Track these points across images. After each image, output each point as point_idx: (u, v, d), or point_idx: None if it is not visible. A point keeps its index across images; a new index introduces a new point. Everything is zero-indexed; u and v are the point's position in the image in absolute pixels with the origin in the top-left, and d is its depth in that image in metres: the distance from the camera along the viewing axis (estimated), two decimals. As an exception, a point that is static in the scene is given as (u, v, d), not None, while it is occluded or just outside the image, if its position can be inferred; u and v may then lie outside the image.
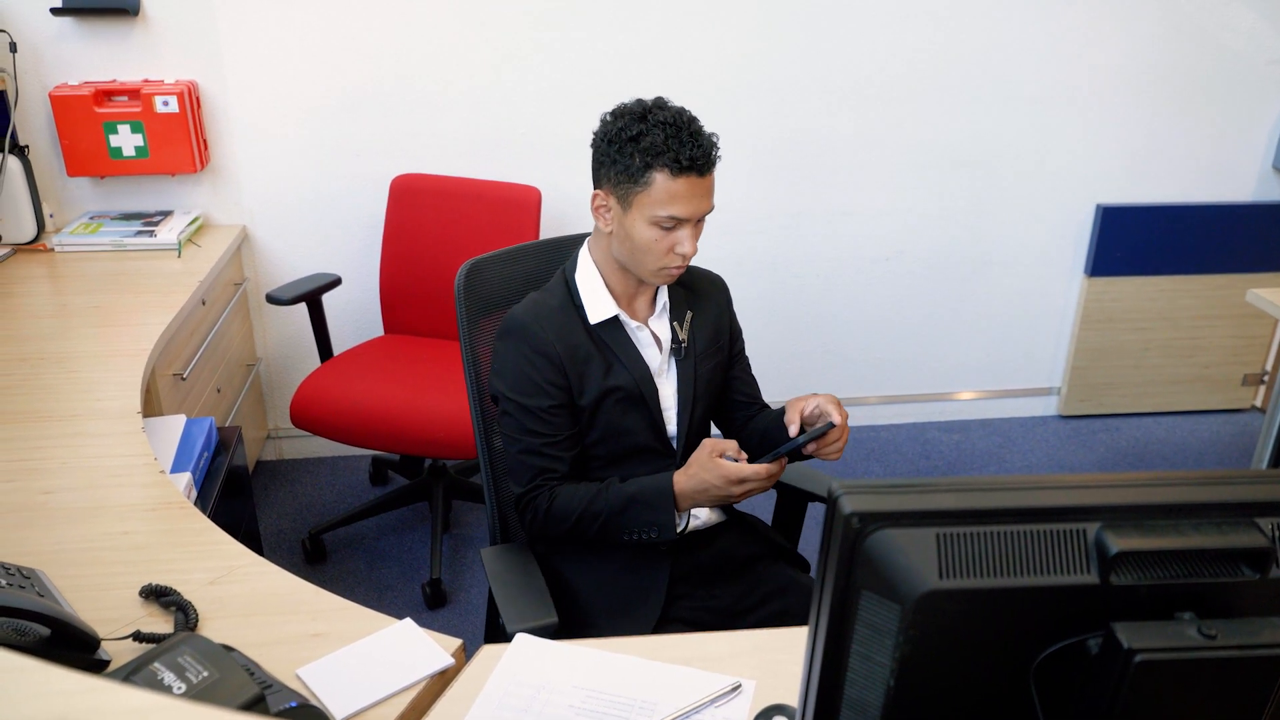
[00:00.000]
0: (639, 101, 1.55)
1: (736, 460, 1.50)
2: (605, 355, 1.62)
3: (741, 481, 1.48)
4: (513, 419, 1.60)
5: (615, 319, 1.62)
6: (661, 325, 1.68)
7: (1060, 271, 3.36)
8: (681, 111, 1.53)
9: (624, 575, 1.63)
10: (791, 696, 1.19)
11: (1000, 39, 3.01)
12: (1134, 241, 3.27)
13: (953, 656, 0.76)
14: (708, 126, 1.54)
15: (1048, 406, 3.56)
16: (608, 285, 1.63)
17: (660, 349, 1.67)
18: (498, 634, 1.60)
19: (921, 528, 0.73)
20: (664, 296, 1.68)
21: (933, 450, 3.35)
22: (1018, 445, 3.39)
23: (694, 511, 1.66)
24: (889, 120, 3.07)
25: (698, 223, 1.56)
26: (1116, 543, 0.72)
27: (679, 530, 1.58)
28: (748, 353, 1.83)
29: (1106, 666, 0.72)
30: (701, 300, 1.73)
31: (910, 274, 3.29)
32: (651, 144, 1.48)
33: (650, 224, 1.53)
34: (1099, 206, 3.24)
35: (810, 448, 1.52)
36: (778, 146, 3.05)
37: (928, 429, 3.47)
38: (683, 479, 1.54)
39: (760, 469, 1.48)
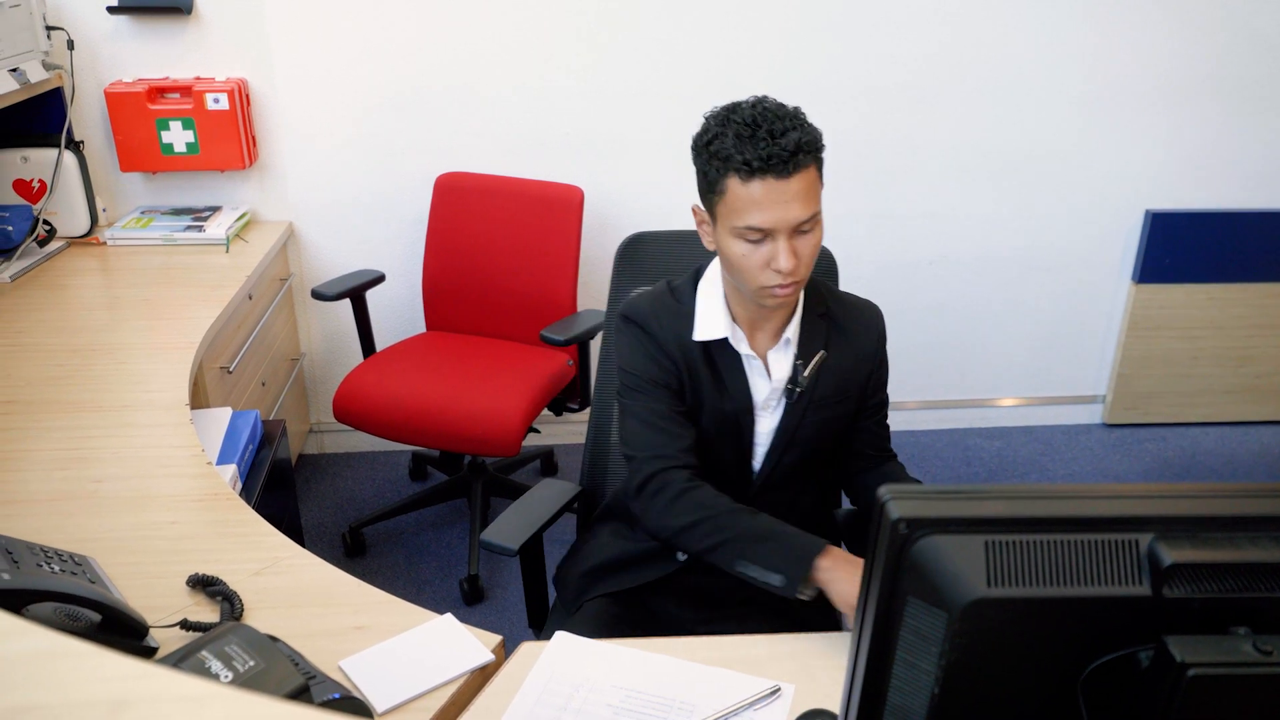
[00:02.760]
0: (735, 101, 1.41)
1: None
2: (713, 373, 1.51)
3: None
4: (638, 395, 1.51)
5: (724, 341, 1.50)
6: (782, 359, 1.52)
7: (1107, 277, 3.31)
8: (767, 109, 1.37)
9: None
10: (831, 702, 1.18)
11: (1049, 40, 2.97)
12: (1184, 248, 3.21)
13: (999, 666, 0.75)
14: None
15: (1092, 414, 3.51)
16: (730, 306, 1.50)
17: (770, 379, 1.52)
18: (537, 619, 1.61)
19: (970, 535, 0.72)
20: (793, 330, 1.51)
21: (973, 457, 3.31)
22: (1061, 453, 3.34)
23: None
24: (934, 122, 3.04)
25: (799, 233, 1.37)
26: (1170, 554, 0.71)
27: (801, 595, 1.34)
28: None
29: (1158, 680, 0.71)
30: (845, 339, 1.55)
31: (954, 277, 3.26)
32: (721, 147, 1.35)
33: (735, 237, 1.38)
34: (1149, 212, 3.18)
35: None
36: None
37: (969, 435, 3.43)
38: (838, 566, 1.33)
39: None
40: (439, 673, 1.20)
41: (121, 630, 1.18)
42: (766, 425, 1.55)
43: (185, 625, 1.24)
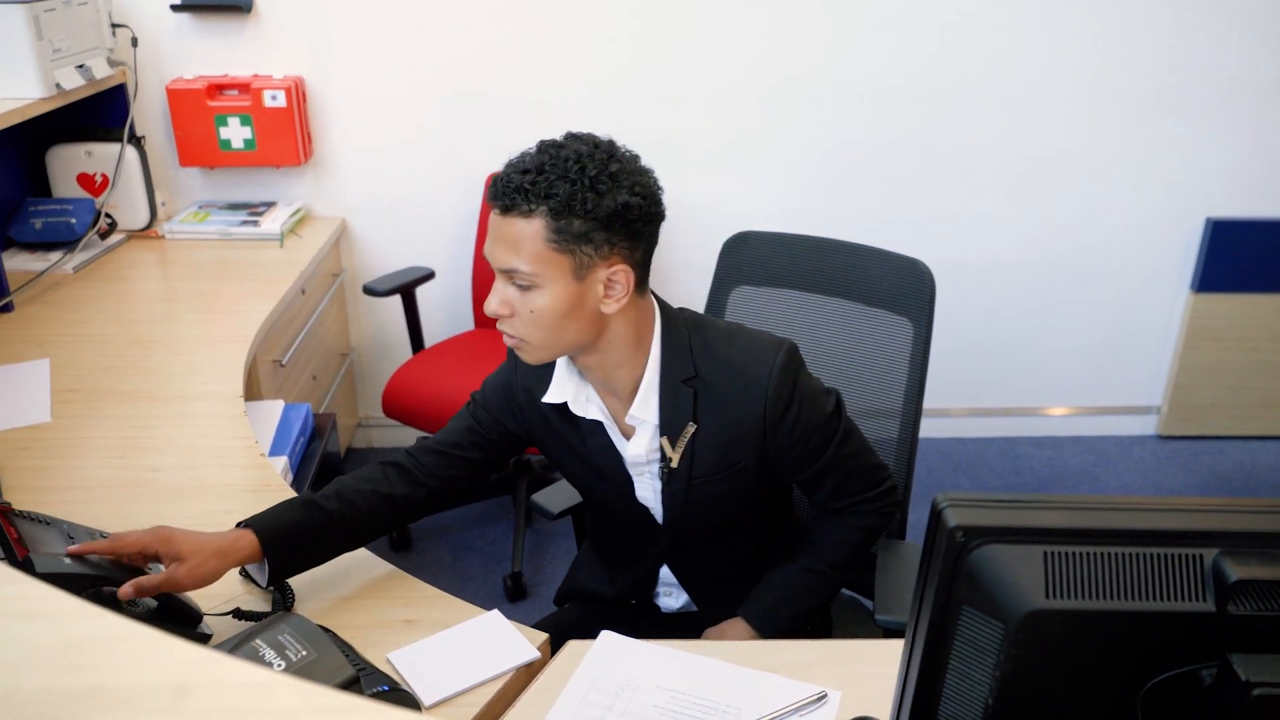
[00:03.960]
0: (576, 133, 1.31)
1: None
2: (572, 429, 1.41)
3: None
4: (470, 406, 1.49)
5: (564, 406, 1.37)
6: (643, 431, 1.37)
7: (1165, 286, 3.24)
8: (556, 150, 1.23)
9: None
10: (877, 709, 1.17)
11: (1110, 45, 2.91)
12: (1245, 257, 3.14)
13: (1056, 679, 0.74)
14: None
15: (1146, 425, 3.44)
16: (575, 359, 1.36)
17: (627, 444, 1.39)
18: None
19: (1028, 545, 0.71)
20: (639, 407, 1.34)
21: (1023, 466, 3.27)
22: (1114, 465, 3.28)
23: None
24: (989, 126, 3.00)
25: (516, 285, 1.23)
26: (1236, 570, 0.69)
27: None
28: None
29: (1220, 699, 0.69)
30: (718, 406, 1.34)
31: (1007, 283, 3.21)
32: None
33: None
34: (1209, 220, 3.11)
35: None
36: (874, 151, 3.01)
37: (1018, 444, 3.38)
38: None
39: None
40: (486, 668, 1.20)
41: (177, 618, 1.20)
42: (648, 489, 1.42)
43: (238, 614, 1.26)
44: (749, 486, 1.40)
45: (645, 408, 1.34)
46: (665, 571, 1.54)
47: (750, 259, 1.81)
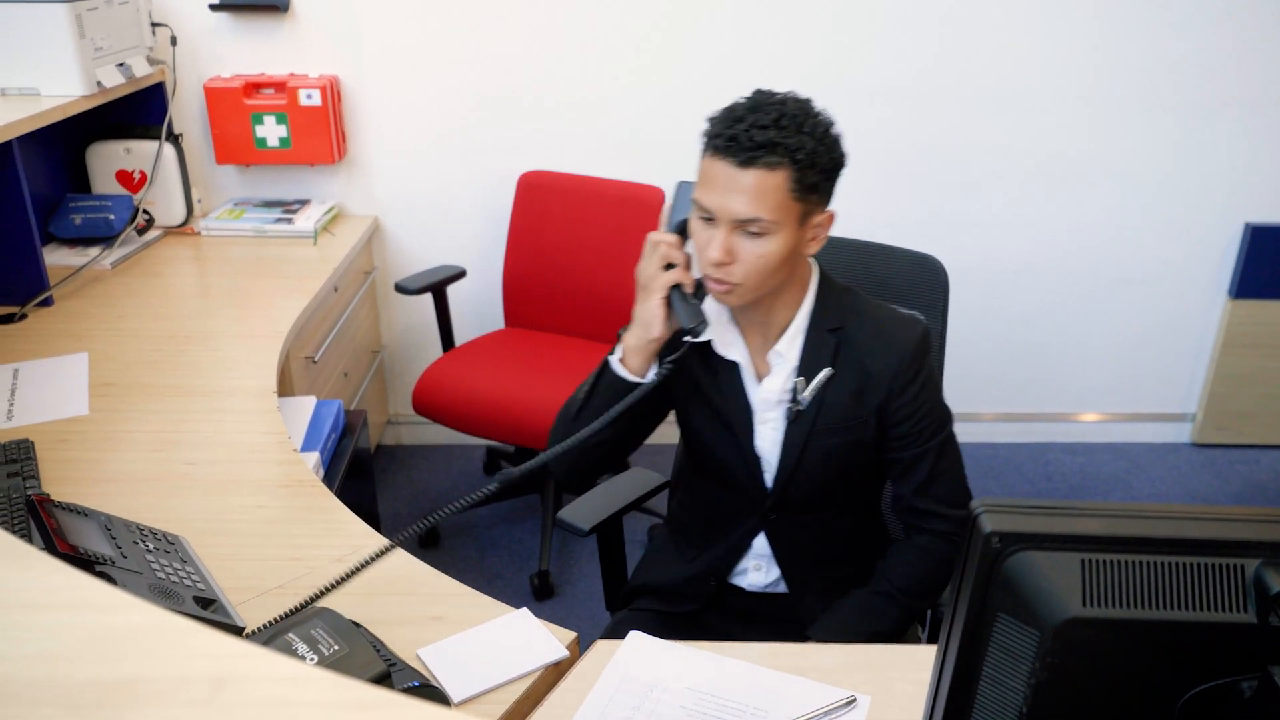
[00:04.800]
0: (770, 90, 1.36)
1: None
2: (708, 370, 1.46)
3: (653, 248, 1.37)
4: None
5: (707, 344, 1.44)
6: (779, 372, 1.43)
7: (1202, 292, 3.20)
8: (777, 103, 1.30)
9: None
10: (906, 715, 1.16)
11: (1147, 48, 2.88)
12: (1285, 264, 3.09)
13: (1092, 688, 0.73)
14: (844, 128, 1.36)
15: (1180, 433, 3.39)
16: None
17: (759, 386, 1.45)
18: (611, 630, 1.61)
19: (1065, 552, 0.70)
20: (785, 344, 1.41)
21: (1055, 472, 3.23)
22: (1147, 472, 3.24)
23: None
24: (1025, 128, 2.97)
25: (745, 233, 1.29)
26: (1278, 582, 0.68)
27: (631, 378, 1.40)
28: None
29: (1262, 712, 0.68)
30: (858, 358, 1.42)
31: (1040, 287, 3.18)
32: (710, 122, 1.32)
33: (695, 210, 1.34)
34: (1248, 225, 3.07)
35: None
36: (908, 153, 2.99)
37: (1050, 450, 3.35)
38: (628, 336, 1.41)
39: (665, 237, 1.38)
40: (514, 666, 1.21)
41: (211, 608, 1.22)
42: (768, 440, 1.46)
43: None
44: (861, 445, 1.45)
45: (790, 346, 1.42)
46: (759, 543, 1.54)
47: None
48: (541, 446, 2.56)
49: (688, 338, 1.40)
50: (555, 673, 1.23)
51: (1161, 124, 2.97)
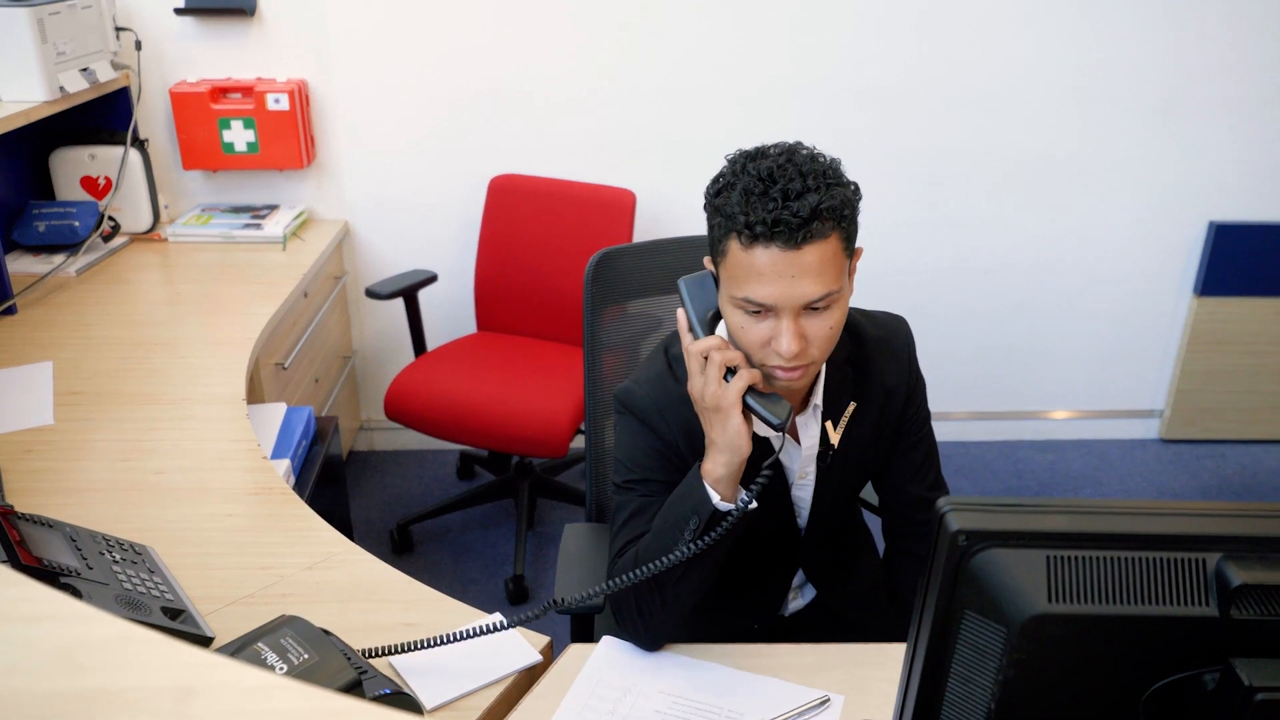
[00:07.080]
0: (762, 146, 1.21)
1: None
2: None
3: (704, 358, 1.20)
4: (636, 487, 1.34)
5: None
6: (811, 424, 1.35)
7: (1167, 289, 3.24)
8: (792, 163, 1.15)
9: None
10: (879, 713, 1.17)
11: (1113, 48, 2.92)
12: (1249, 261, 3.14)
13: (1058, 683, 0.74)
14: (815, 136, 1.27)
15: (1148, 429, 3.44)
16: None
17: (800, 448, 1.36)
18: (583, 632, 1.61)
19: (1031, 549, 0.71)
20: (820, 396, 1.33)
21: (1025, 470, 3.26)
22: (1116, 469, 3.28)
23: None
24: (990, 129, 3.00)
25: (811, 311, 1.16)
26: (1239, 575, 0.69)
27: (733, 509, 1.21)
28: None
29: (1224, 703, 0.69)
30: (875, 377, 1.38)
31: (1011, 286, 3.21)
32: (726, 203, 1.16)
33: (733, 305, 1.19)
34: (1212, 223, 3.11)
35: None
36: (879, 155, 3.01)
37: (1019, 448, 3.38)
38: (708, 458, 1.23)
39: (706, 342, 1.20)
40: (487, 672, 1.20)
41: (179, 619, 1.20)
42: (804, 493, 1.41)
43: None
44: (881, 455, 1.44)
45: (817, 393, 1.33)
46: (795, 577, 1.51)
47: (615, 278, 1.78)
48: (515, 450, 2.56)
49: (773, 432, 1.26)
50: (528, 678, 1.23)
51: (1127, 125, 3.01)
